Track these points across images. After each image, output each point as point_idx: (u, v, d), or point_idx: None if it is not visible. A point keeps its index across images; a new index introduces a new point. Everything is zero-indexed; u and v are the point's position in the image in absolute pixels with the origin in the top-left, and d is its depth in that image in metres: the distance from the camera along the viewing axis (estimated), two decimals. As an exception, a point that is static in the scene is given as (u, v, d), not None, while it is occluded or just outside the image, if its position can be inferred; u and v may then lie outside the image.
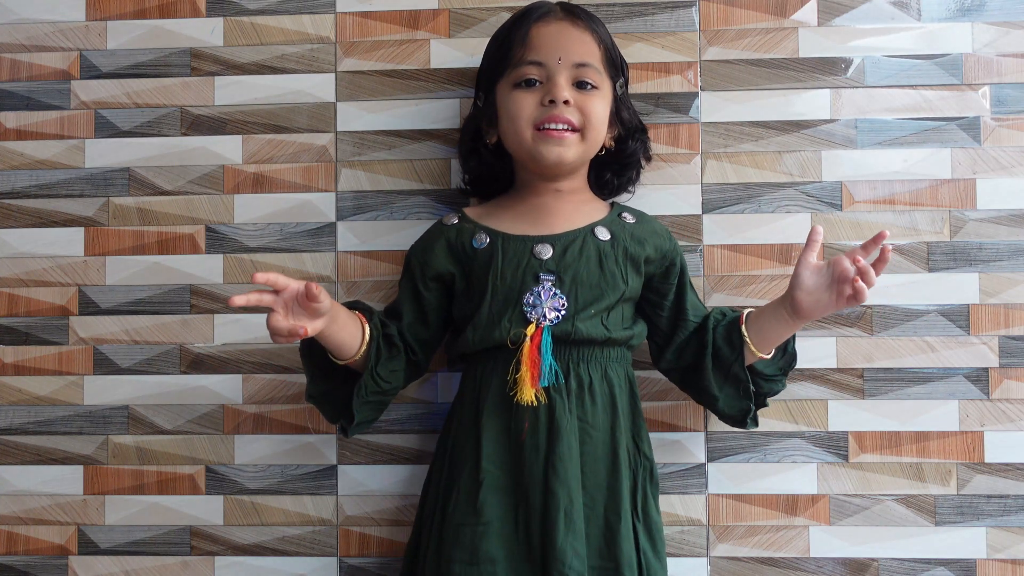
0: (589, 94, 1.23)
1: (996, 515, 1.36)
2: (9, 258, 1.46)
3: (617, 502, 1.18)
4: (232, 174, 1.44)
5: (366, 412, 1.25)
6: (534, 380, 1.16)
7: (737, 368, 1.24)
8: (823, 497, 1.37)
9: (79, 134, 1.46)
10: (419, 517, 1.28)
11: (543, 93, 1.22)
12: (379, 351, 1.21)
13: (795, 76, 1.41)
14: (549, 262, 1.20)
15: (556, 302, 1.19)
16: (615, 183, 1.35)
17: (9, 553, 1.44)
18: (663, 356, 1.30)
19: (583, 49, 1.24)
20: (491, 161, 1.31)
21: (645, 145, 1.35)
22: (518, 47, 1.23)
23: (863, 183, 1.39)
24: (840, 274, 1.16)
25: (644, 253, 1.25)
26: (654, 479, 1.25)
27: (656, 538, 1.22)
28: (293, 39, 1.45)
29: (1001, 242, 1.38)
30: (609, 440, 1.20)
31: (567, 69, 1.22)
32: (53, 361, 1.44)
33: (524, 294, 1.19)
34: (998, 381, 1.37)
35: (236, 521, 1.42)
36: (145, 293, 1.44)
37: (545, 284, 1.19)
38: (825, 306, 1.18)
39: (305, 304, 1.10)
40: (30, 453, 1.44)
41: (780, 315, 1.21)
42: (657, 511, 1.24)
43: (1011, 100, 1.39)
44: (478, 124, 1.30)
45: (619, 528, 1.17)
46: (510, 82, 1.24)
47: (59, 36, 1.47)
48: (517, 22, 1.26)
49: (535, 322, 1.18)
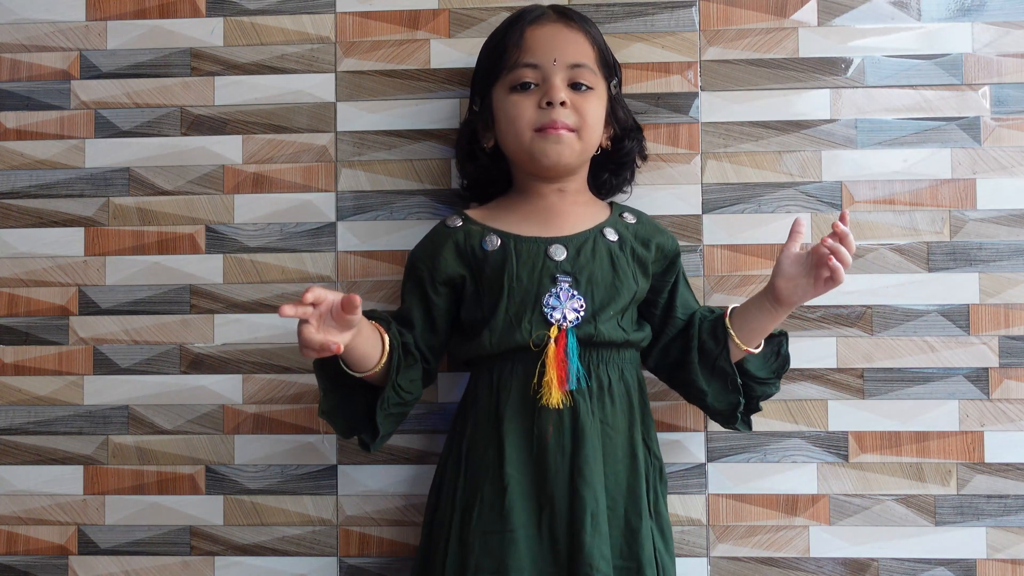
0: (585, 95, 1.24)
1: (996, 515, 1.36)
2: (9, 258, 1.46)
3: (637, 503, 1.18)
4: (232, 174, 1.44)
5: (389, 425, 1.22)
6: (561, 383, 1.15)
7: (722, 362, 1.24)
8: (823, 497, 1.37)
9: (79, 134, 1.46)
10: (429, 524, 1.26)
11: (540, 96, 1.23)
12: (400, 362, 1.19)
13: (795, 76, 1.41)
14: (564, 263, 1.21)
15: (575, 303, 1.19)
16: (612, 182, 1.35)
17: (9, 553, 1.44)
18: (650, 354, 1.30)
19: (577, 50, 1.24)
20: (488, 164, 1.31)
21: (641, 144, 1.35)
22: (513, 50, 1.24)
23: (863, 183, 1.39)
24: (818, 259, 1.17)
25: (650, 255, 1.26)
26: (663, 478, 1.27)
27: (667, 536, 1.23)
28: (293, 39, 1.45)
29: (1001, 242, 1.38)
30: (627, 441, 1.20)
31: (562, 70, 1.23)
32: (53, 361, 1.44)
33: (543, 296, 1.19)
34: (998, 381, 1.37)
35: (236, 521, 1.42)
36: (145, 293, 1.44)
37: (563, 285, 1.19)
38: (804, 291, 1.19)
39: (339, 316, 1.06)
40: (30, 453, 1.44)
41: (762, 305, 1.22)
42: (666, 508, 1.26)
43: (1011, 100, 1.39)
44: (474, 128, 1.30)
45: (640, 528, 1.17)
46: (506, 85, 1.24)
47: (59, 36, 1.47)
48: (511, 25, 1.26)
49: (557, 324, 1.18)
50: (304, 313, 1.03)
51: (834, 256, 1.14)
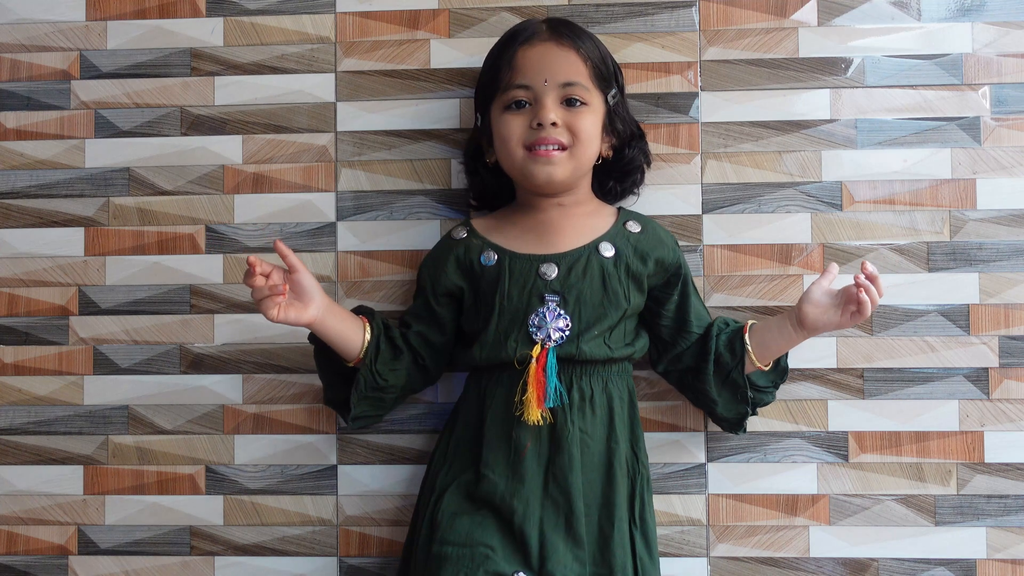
0: (578, 111, 1.25)
1: (996, 515, 1.36)
2: (9, 258, 1.46)
3: (611, 510, 1.21)
4: (232, 174, 1.44)
5: (364, 407, 1.29)
6: (540, 401, 1.19)
7: (736, 374, 1.26)
8: (823, 497, 1.37)
9: (79, 134, 1.46)
10: (416, 514, 1.29)
11: (531, 116, 1.24)
12: (378, 349, 1.26)
13: (795, 76, 1.41)
14: (554, 282, 1.23)
15: (561, 323, 1.22)
16: (618, 189, 1.36)
17: (9, 553, 1.44)
18: (661, 361, 1.32)
19: (569, 69, 1.25)
20: (491, 179, 1.34)
21: (644, 151, 1.36)
22: (505, 71, 1.26)
23: (863, 183, 1.39)
24: (848, 296, 1.20)
25: (646, 271, 1.26)
26: (649, 486, 1.28)
27: (651, 543, 1.25)
28: (293, 39, 1.44)
29: (1001, 242, 1.38)
30: (604, 450, 1.23)
31: (554, 89, 1.24)
32: (53, 361, 1.44)
33: (530, 315, 1.22)
34: (998, 381, 1.37)
35: (236, 521, 1.41)
36: (145, 293, 1.44)
37: (550, 305, 1.22)
38: (828, 320, 1.22)
39: (293, 283, 1.19)
40: (30, 453, 1.44)
41: (784, 327, 1.25)
42: (652, 516, 1.27)
43: (1011, 100, 1.39)
44: (479, 143, 1.33)
45: (612, 535, 1.20)
46: (500, 105, 1.27)
47: (59, 36, 1.47)
48: (505, 45, 1.28)
49: (540, 343, 1.21)
50: (265, 271, 1.16)
51: (866, 292, 1.17)
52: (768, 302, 1.38)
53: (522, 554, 1.17)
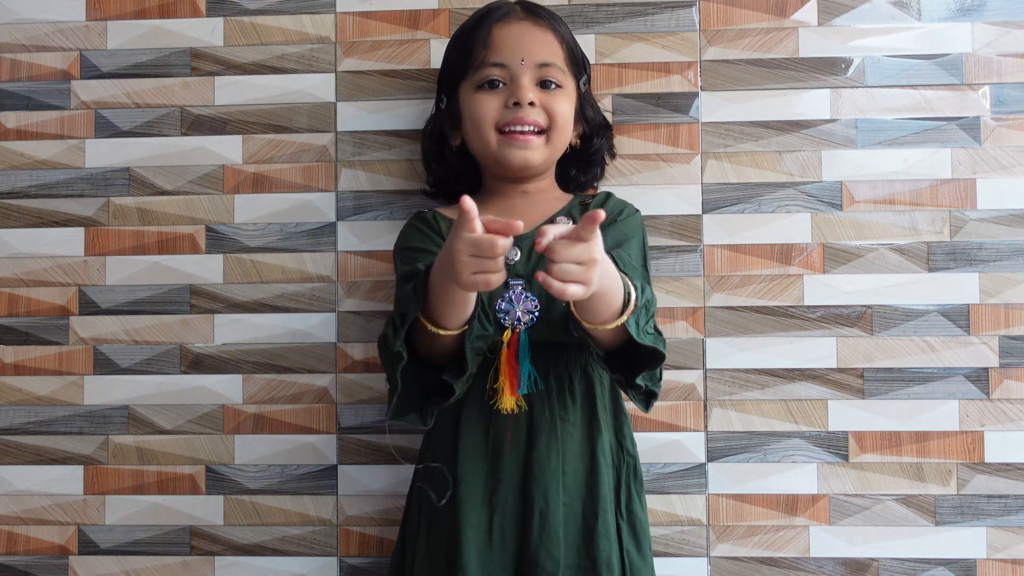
0: (554, 93, 1.23)
1: (996, 515, 1.36)
2: (9, 258, 1.46)
3: (595, 500, 1.17)
4: (232, 174, 1.44)
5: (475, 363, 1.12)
6: (513, 388, 1.13)
7: (572, 326, 1.14)
8: (823, 497, 1.37)
9: (79, 134, 1.46)
10: (405, 518, 1.27)
11: (507, 95, 1.22)
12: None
13: (795, 76, 1.41)
14: (517, 266, 1.19)
15: (529, 304, 1.15)
16: (580, 179, 1.34)
17: (9, 553, 1.44)
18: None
19: (546, 49, 1.23)
20: (456, 164, 1.30)
21: (610, 142, 1.35)
22: (480, 49, 1.22)
23: (863, 183, 1.39)
24: None
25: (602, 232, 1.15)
26: (638, 476, 1.24)
27: (641, 536, 1.21)
28: (293, 39, 1.45)
29: (1001, 242, 1.38)
30: (586, 438, 1.19)
31: (530, 69, 1.22)
32: (53, 361, 1.44)
33: (495, 300, 1.16)
34: (998, 381, 1.37)
35: (236, 521, 1.42)
36: (145, 293, 1.44)
37: (516, 289, 1.16)
38: None
39: None
40: (30, 453, 1.44)
41: None
42: (643, 508, 1.23)
43: (1011, 100, 1.39)
44: (441, 126, 1.29)
45: (596, 526, 1.16)
46: (473, 84, 1.23)
47: (59, 36, 1.47)
48: (478, 23, 1.25)
49: (511, 327, 1.15)
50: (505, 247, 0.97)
51: None
52: (768, 302, 1.38)
53: (500, 559, 1.15)
